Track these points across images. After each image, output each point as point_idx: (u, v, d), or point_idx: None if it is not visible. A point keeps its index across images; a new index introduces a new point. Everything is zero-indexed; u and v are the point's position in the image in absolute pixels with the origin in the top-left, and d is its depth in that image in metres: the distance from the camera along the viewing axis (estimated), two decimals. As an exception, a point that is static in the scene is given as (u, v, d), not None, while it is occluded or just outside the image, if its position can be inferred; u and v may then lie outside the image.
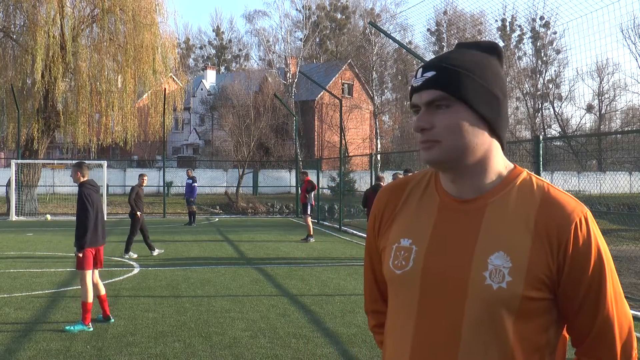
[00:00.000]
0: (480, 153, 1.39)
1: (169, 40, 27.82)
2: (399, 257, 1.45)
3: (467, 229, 1.39)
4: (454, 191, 1.44)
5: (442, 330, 1.36)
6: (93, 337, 6.33)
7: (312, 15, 53.71)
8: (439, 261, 1.39)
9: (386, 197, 1.57)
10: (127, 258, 12.18)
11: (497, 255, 1.34)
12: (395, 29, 45.43)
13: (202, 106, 53.53)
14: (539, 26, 53.11)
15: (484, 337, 1.33)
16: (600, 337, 1.36)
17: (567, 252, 1.33)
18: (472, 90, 1.36)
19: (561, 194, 1.39)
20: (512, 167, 1.46)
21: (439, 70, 1.38)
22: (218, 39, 71.82)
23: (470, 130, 1.37)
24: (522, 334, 1.34)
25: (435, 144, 1.37)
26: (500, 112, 1.40)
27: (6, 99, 25.03)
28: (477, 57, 1.41)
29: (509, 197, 1.40)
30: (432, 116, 1.38)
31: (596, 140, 42.34)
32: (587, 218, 1.36)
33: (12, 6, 25.02)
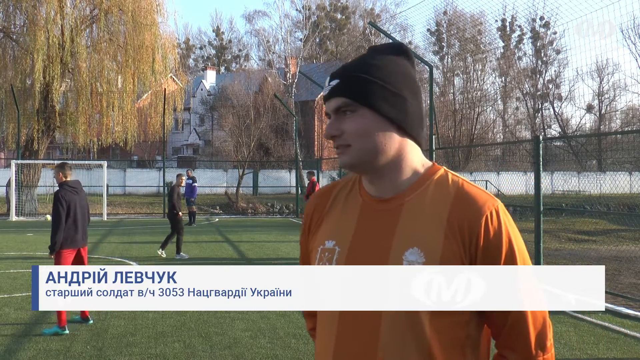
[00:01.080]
0: (391, 153, 1.43)
1: (169, 40, 27.82)
2: (323, 258, 1.49)
3: (386, 228, 1.43)
4: (373, 192, 1.48)
5: (363, 327, 1.38)
6: (93, 337, 6.33)
7: (312, 16, 53.68)
8: (359, 260, 1.42)
9: (315, 202, 1.61)
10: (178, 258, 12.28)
11: (411, 251, 1.38)
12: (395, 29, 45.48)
13: (202, 106, 53.53)
14: (539, 26, 53.13)
15: (402, 333, 1.36)
16: (515, 328, 1.39)
17: (479, 245, 1.36)
18: (376, 94, 1.40)
19: (474, 189, 1.42)
20: (430, 165, 1.50)
21: (342, 78, 1.43)
22: (218, 39, 71.84)
23: (377, 133, 1.41)
24: (440, 328, 1.36)
25: (347, 148, 1.42)
26: (408, 112, 1.43)
27: (6, 99, 25.02)
28: (382, 60, 1.44)
29: (425, 195, 1.44)
30: (340, 123, 1.43)
31: (596, 140, 42.35)
32: (499, 211, 1.39)
33: (12, 6, 25.03)
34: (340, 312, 1.42)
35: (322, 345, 1.48)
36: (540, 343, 1.41)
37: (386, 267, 1.38)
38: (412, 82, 1.45)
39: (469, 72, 51.29)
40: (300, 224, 21.55)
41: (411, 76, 1.46)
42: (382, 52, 1.47)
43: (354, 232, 1.46)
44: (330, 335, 1.43)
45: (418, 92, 1.47)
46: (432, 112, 13.54)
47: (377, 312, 1.37)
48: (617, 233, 18.04)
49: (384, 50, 1.48)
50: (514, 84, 52.08)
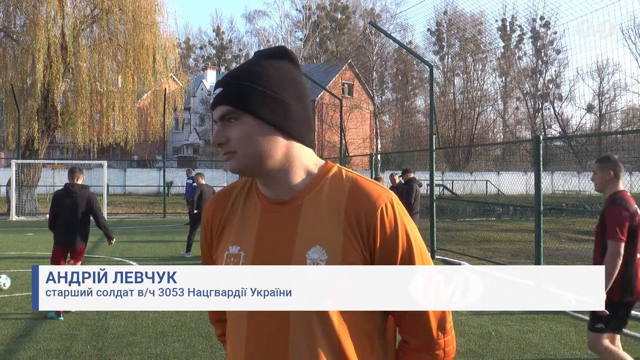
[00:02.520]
0: (278, 157, 1.45)
1: (169, 40, 27.82)
2: (230, 264, 1.50)
3: (287, 229, 1.45)
4: (270, 194, 1.51)
5: (272, 328, 1.41)
6: (93, 337, 6.33)
7: (312, 15, 53.74)
8: (264, 263, 1.44)
9: (213, 207, 1.62)
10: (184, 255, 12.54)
11: (313, 249, 1.41)
12: (395, 28, 45.46)
13: (202, 106, 53.55)
14: (539, 26, 53.11)
15: (311, 329, 1.39)
16: (415, 315, 1.45)
17: (376, 238, 1.40)
18: (255, 100, 1.43)
19: (368, 183, 1.46)
20: (323, 164, 1.53)
21: (225, 86, 1.46)
22: (218, 39, 71.86)
23: (260, 138, 1.44)
24: (348, 320, 1.40)
25: (233, 154, 1.46)
26: (291, 116, 1.45)
27: (6, 99, 25.02)
28: (264, 66, 1.46)
29: (321, 194, 1.46)
30: (226, 130, 1.45)
31: (596, 140, 42.35)
32: (393, 203, 1.44)
33: (12, 6, 25.02)
34: (249, 314, 1.43)
35: (233, 349, 1.49)
36: (441, 326, 1.46)
37: (289, 267, 1.41)
38: (295, 85, 1.47)
39: (469, 72, 51.31)
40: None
41: (294, 80, 1.48)
42: (266, 57, 1.49)
43: (256, 235, 1.48)
44: (241, 339, 1.45)
45: (302, 95, 1.48)
46: (433, 111, 13.52)
47: (285, 314, 1.39)
48: (617, 233, 17.99)
49: (267, 55, 1.50)
50: (514, 83, 52.09)
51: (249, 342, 1.43)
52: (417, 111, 52.99)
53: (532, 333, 6.68)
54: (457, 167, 42.84)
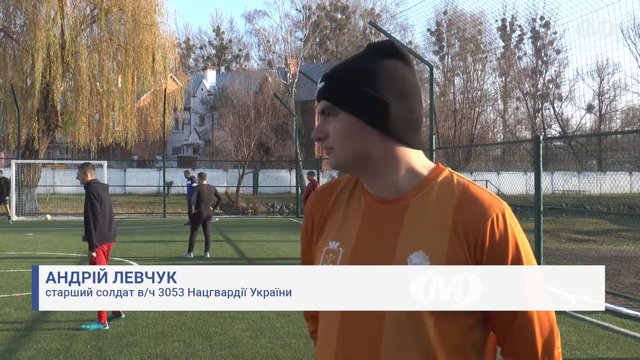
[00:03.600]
0: (376, 156, 1.41)
1: (169, 40, 27.82)
2: (327, 259, 1.47)
3: (390, 230, 1.41)
4: (375, 192, 1.46)
5: (365, 330, 1.37)
6: (93, 337, 6.33)
7: (312, 15, 53.69)
8: (363, 262, 1.40)
9: (316, 200, 1.59)
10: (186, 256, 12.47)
11: (416, 254, 1.36)
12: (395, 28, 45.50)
13: (202, 106, 53.54)
14: (539, 26, 53.12)
15: (406, 338, 1.34)
16: (521, 335, 1.36)
17: (484, 249, 1.34)
18: (355, 98, 1.39)
19: (479, 191, 1.40)
20: (434, 166, 1.47)
21: (327, 81, 1.44)
22: (218, 39, 71.83)
23: (356, 137, 1.40)
24: (444, 333, 1.34)
25: (331, 151, 1.44)
26: (388, 115, 1.40)
27: (6, 98, 25.03)
28: (368, 63, 1.42)
29: (429, 197, 1.41)
30: (326, 125, 1.44)
31: (596, 140, 42.35)
32: (505, 214, 1.36)
33: (12, 6, 25.03)
34: (342, 314, 1.40)
35: (323, 348, 1.46)
36: (548, 351, 1.37)
37: (388, 267, 1.36)
38: (399, 84, 1.41)
39: (469, 72, 51.28)
40: (299, 224, 21.50)
41: (399, 78, 1.42)
42: (374, 52, 1.44)
43: (357, 233, 1.44)
44: (332, 338, 1.42)
45: (407, 94, 1.42)
46: (433, 111, 13.53)
47: (380, 315, 1.35)
48: (617, 233, 18.03)
49: (376, 50, 1.45)
50: (514, 83, 52.08)
51: (339, 344, 1.40)
52: (417, 111, 52.93)
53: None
54: (457, 167, 42.81)
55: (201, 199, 12.51)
